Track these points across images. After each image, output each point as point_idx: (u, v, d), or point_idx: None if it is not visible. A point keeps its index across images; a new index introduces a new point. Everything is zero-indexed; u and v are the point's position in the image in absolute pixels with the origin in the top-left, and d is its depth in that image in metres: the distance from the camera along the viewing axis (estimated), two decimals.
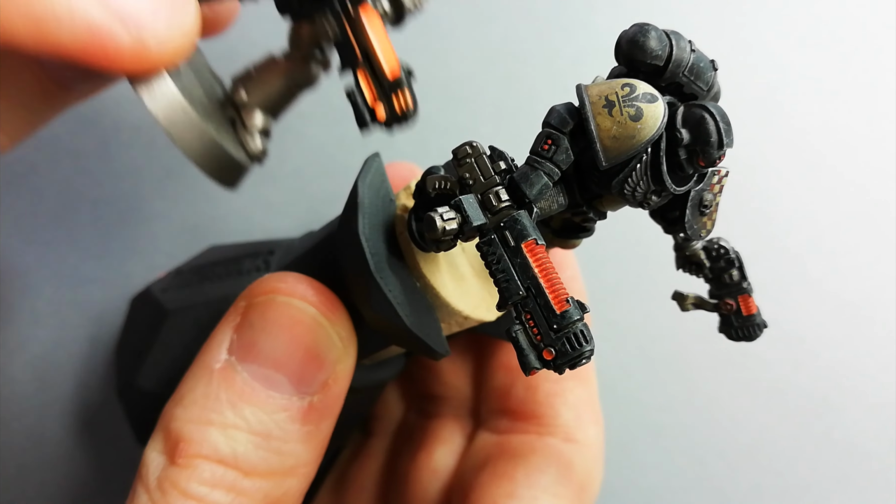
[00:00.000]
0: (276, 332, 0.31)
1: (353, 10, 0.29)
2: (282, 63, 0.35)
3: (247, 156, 0.35)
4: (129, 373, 0.44)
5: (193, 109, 0.31)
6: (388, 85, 0.28)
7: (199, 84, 0.34)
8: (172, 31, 0.27)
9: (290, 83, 0.35)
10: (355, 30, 0.29)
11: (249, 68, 0.36)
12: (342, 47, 0.29)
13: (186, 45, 0.28)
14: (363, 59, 0.28)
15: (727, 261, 0.34)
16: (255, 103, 0.35)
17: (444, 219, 0.25)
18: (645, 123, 0.25)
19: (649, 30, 0.26)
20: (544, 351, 0.24)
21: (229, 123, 0.35)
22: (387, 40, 0.28)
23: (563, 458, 0.38)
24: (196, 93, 0.32)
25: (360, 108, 0.28)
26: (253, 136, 0.35)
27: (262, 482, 0.30)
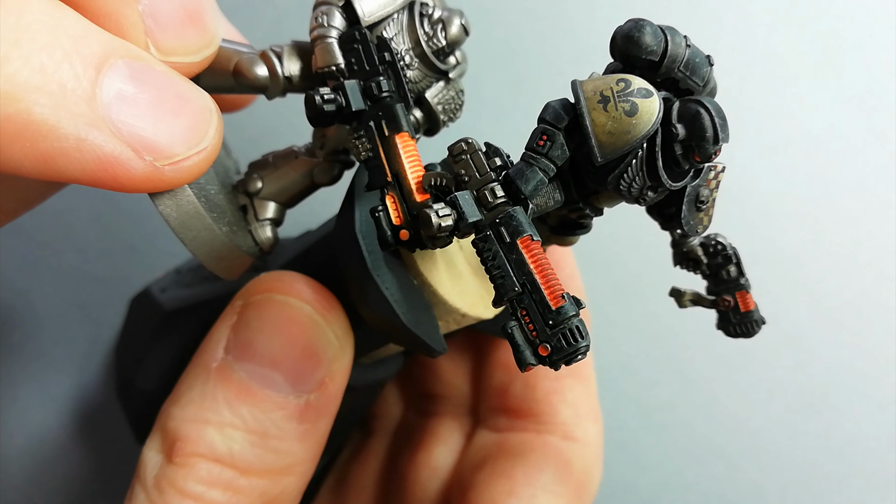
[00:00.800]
0: (273, 330, 0.31)
1: (387, 131, 0.28)
2: (305, 161, 0.34)
3: (255, 245, 0.33)
4: (129, 372, 0.44)
5: (207, 213, 0.29)
6: (413, 209, 0.27)
7: (215, 171, 0.33)
8: (191, 156, 0.26)
9: (309, 180, 0.34)
10: (388, 150, 0.28)
11: (268, 157, 0.34)
12: (373, 167, 0.28)
13: (205, 167, 0.27)
14: (392, 181, 0.28)
15: (724, 257, 0.34)
16: (269, 194, 0.34)
17: (440, 215, 0.25)
18: (640, 119, 0.25)
19: (644, 25, 0.26)
20: (540, 347, 0.24)
21: (240, 210, 0.34)
22: (420, 166, 0.27)
23: (562, 457, 0.38)
24: (211, 185, 0.31)
25: (384, 228, 0.27)
26: (263, 227, 0.34)
27: (259, 481, 0.30)
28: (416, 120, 0.32)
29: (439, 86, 0.32)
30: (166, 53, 0.26)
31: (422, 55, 0.31)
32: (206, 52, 0.27)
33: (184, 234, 0.29)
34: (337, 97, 0.28)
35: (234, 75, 0.30)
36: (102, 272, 0.52)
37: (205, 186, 0.30)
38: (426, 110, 0.32)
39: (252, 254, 0.33)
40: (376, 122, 0.28)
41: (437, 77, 0.32)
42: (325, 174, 0.34)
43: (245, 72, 0.30)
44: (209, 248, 0.30)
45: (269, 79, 0.30)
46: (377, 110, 0.28)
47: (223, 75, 0.31)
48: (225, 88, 0.31)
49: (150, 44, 0.26)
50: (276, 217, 0.34)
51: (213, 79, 0.31)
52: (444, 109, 0.32)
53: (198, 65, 0.27)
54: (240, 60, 0.30)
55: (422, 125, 0.32)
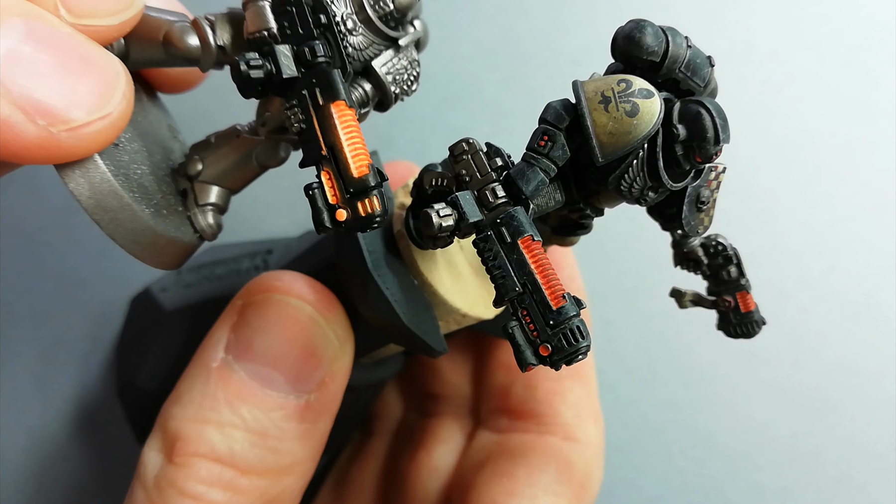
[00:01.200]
0: (273, 330, 0.31)
1: (322, 100, 0.25)
2: (247, 139, 0.31)
3: (194, 232, 0.31)
4: (129, 372, 0.44)
5: (127, 192, 0.27)
6: (353, 186, 0.24)
7: (147, 150, 0.30)
8: (93, 121, 0.24)
9: (253, 160, 0.32)
10: (322, 121, 0.25)
11: (210, 137, 0.32)
12: (305, 139, 0.25)
13: (111, 135, 0.24)
14: (328, 155, 0.25)
15: (725, 257, 0.34)
16: (210, 177, 0.31)
17: (441, 215, 0.25)
18: (641, 119, 0.25)
19: (645, 26, 0.26)
20: (541, 347, 0.24)
21: (179, 195, 0.31)
22: (359, 136, 0.25)
23: (563, 457, 0.38)
24: (137, 164, 0.29)
25: (319, 207, 0.24)
26: (204, 212, 0.31)
27: (259, 480, 0.30)
28: (363, 93, 0.29)
29: (388, 54, 0.30)
30: (77, 15, 0.24)
31: (367, 20, 0.28)
32: (125, 16, 0.26)
33: (99, 216, 0.27)
34: (265, 63, 0.25)
35: (164, 45, 0.28)
36: (102, 272, 0.52)
37: (127, 164, 0.28)
38: (374, 81, 0.29)
39: (190, 242, 0.30)
40: (310, 90, 0.25)
41: (386, 44, 0.29)
42: (269, 154, 0.31)
43: (175, 41, 0.28)
44: (130, 231, 0.28)
45: (201, 49, 0.28)
46: (311, 77, 0.25)
47: (153, 46, 0.29)
48: (156, 61, 0.29)
49: (60, 5, 0.24)
50: (219, 202, 0.32)
51: (143, 50, 0.29)
52: (395, 80, 0.30)
53: (115, 28, 0.25)
54: (170, 29, 0.28)
55: (371, 98, 0.30)
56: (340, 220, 0.24)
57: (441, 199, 0.25)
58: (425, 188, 0.28)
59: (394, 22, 0.29)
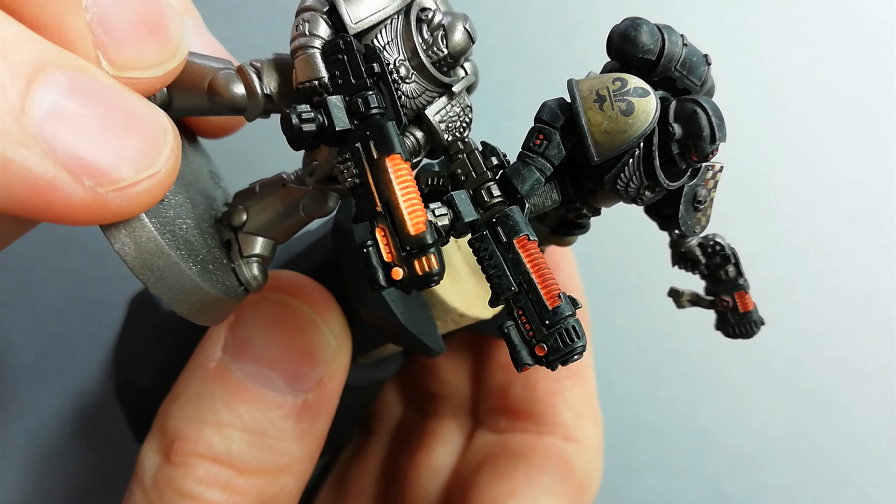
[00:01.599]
0: (271, 330, 0.31)
1: (376, 154, 0.24)
2: (294, 189, 0.30)
3: (239, 285, 0.30)
4: (128, 372, 0.44)
5: (174, 250, 0.26)
6: (410, 244, 0.23)
7: (191, 202, 0.29)
8: (142, 181, 0.22)
9: (300, 211, 0.30)
10: (377, 176, 0.24)
11: (255, 185, 0.31)
12: (359, 194, 0.24)
13: (159, 193, 0.23)
14: (383, 211, 0.23)
15: (723, 257, 0.34)
16: (255, 228, 0.30)
17: (436, 215, 0.25)
18: (636, 118, 0.25)
19: (641, 24, 0.26)
20: (536, 347, 0.24)
21: (223, 247, 0.30)
22: (415, 191, 0.23)
23: (563, 457, 0.38)
24: (182, 219, 0.28)
25: (374, 266, 0.23)
26: (249, 265, 0.30)
27: (257, 480, 0.30)
28: (414, 141, 0.28)
29: (441, 101, 0.28)
30: (120, 68, 0.23)
31: (420, 66, 0.27)
32: (169, 66, 0.24)
33: (145, 276, 0.25)
34: (317, 115, 0.24)
35: (209, 94, 0.27)
36: (102, 272, 0.52)
37: (173, 220, 0.27)
38: (427, 129, 0.28)
39: (235, 296, 0.29)
40: (363, 143, 0.24)
41: (439, 91, 0.28)
42: (316, 204, 0.30)
43: (220, 90, 0.27)
44: (178, 290, 0.26)
45: (248, 97, 0.27)
46: (365, 130, 0.24)
47: (197, 94, 0.27)
48: (200, 109, 0.28)
49: (101, 57, 0.23)
50: (264, 253, 0.30)
51: (187, 99, 0.28)
52: (448, 128, 0.28)
53: (159, 80, 0.24)
54: (214, 77, 0.27)
55: (422, 147, 0.28)
56: (396, 279, 0.23)
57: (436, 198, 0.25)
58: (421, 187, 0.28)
59: (446, 67, 0.28)
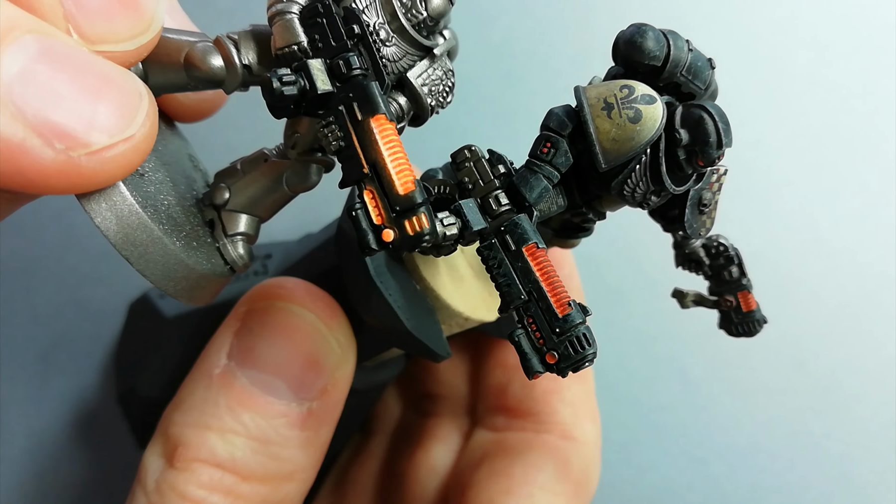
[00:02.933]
0: (276, 337, 0.31)
1: (360, 115, 0.23)
2: (276, 163, 0.29)
3: (224, 264, 0.29)
4: (129, 378, 0.44)
5: (156, 224, 0.25)
6: (400, 204, 0.22)
7: (171, 181, 0.29)
8: (115, 144, 0.22)
9: (283, 185, 0.29)
10: (362, 137, 0.23)
11: (236, 164, 0.30)
12: (345, 157, 0.23)
13: (135, 159, 0.23)
14: (370, 173, 0.23)
15: (726, 258, 0.34)
16: (238, 205, 0.29)
17: (445, 224, 0.24)
18: (644, 125, 0.25)
19: (647, 30, 0.25)
20: (547, 354, 0.24)
21: (206, 226, 0.29)
22: (402, 151, 0.23)
23: (561, 455, 0.38)
24: (164, 195, 0.27)
25: (364, 228, 0.23)
26: (234, 243, 0.29)
27: (261, 487, 0.30)
28: (399, 107, 0.28)
29: (423, 64, 0.28)
30: (91, 41, 0.23)
31: (400, 29, 0.26)
32: (142, 40, 0.24)
33: (128, 251, 0.25)
34: (298, 79, 0.24)
35: (186, 68, 0.26)
36: (102, 272, 0.52)
37: (154, 195, 0.26)
38: (410, 94, 0.28)
39: (221, 274, 0.29)
40: (347, 104, 0.24)
41: (420, 55, 0.27)
42: (300, 178, 0.29)
43: (198, 62, 0.26)
44: (162, 266, 0.26)
45: (226, 69, 0.26)
46: (347, 91, 0.24)
47: (173, 69, 0.27)
48: (178, 85, 0.27)
49: (72, 30, 0.22)
50: (249, 231, 0.30)
51: (163, 74, 0.27)
52: (431, 92, 0.28)
53: (132, 54, 0.24)
54: (191, 50, 0.26)
55: (406, 112, 0.28)
56: (388, 240, 0.23)
57: (444, 206, 0.25)
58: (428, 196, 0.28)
59: (426, 31, 0.27)
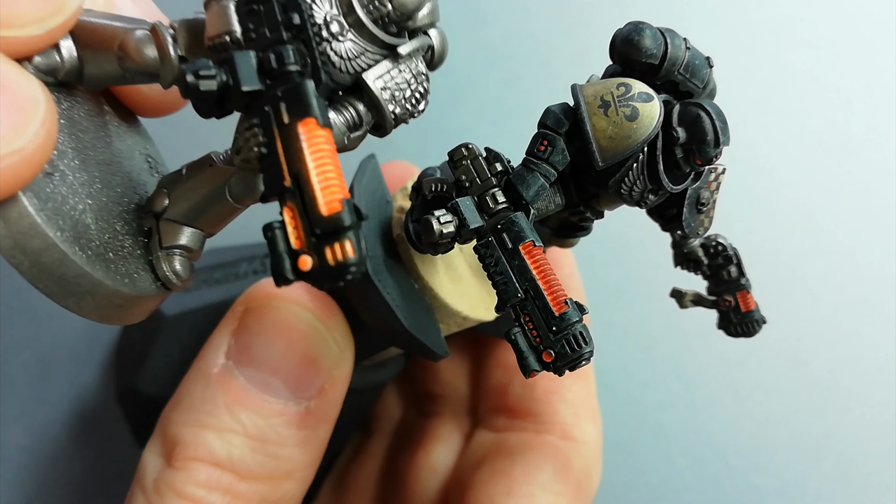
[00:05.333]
0: (273, 337, 0.31)
1: (287, 118, 0.20)
2: (220, 169, 0.26)
3: (154, 281, 0.26)
4: (129, 377, 0.44)
5: (54, 230, 0.22)
6: (321, 226, 0.19)
7: (101, 182, 0.26)
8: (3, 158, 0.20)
9: (226, 196, 0.26)
10: (287, 144, 0.20)
11: (182, 168, 0.27)
12: (267, 167, 0.20)
13: (25, 173, 0.21)
14: (292, 187, 0.20)
15: (725, 257, 0.34)
16: (178, 214, 0.26)
17: (442, 222, 0.25)
18: (641, 123, 0.25)
19: (644, 28, 0.26)
20: (544, 353, 0.24)
21: (141, 237, 0.26)
22: (332, 163, 0.20)
23: (561, 456, 0.38)
24: (77, 198, 0.24)
25: (280, 253, 0.19)
26: (169, 257, 0.26)
27: (259, 486, 0.30)
28: (354, 113, 0.24)
29: (384, 65, 0.24)
30: None
31: (357, 23, 0.23)
32: (51, 23, 0.22)
33: (17, 259, 0.22)
34: (220, 73, 0.21)
35: (119, 58, 0.24)
36: None
37: (63, 198, 0.23)
38: (367, 99, 0.24)
39: (146, 292, 0.26)
40: (274, 105, 0.20)
41: (383, 53, 0.24)
42: (244, 187, 0.25)
43: (131, 52, 0.23)
44: (58, 279, 0.23)
45: (160, 60, 0.23)
46: (276, 90, 0.21)
47: (108, 59, 0.24)
48: (114, 77, 0.25)
49: None
50: (190, 245, 0.27)
51: (98, 64, 0.24)
52: (395, 98, 0.24)
53: (42, 39, 0.22)
54: (124, 39, 0.23)
55: (364, 121, 0.24)
56: (304, 269, 0.19)
57: (441, 205, 0.25)
58: (424, 194, 0.28)
59: (395, 27, 0.24)
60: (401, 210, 0.32)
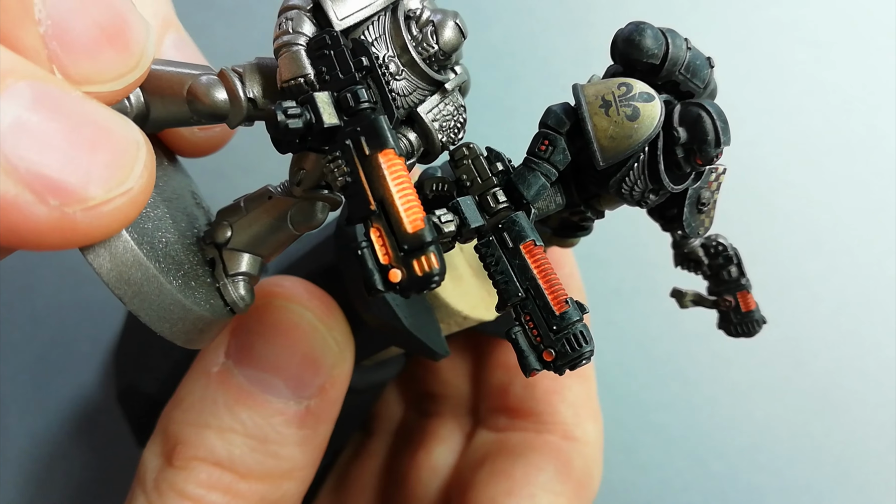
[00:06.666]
0: (273, 336, 0.31)
1: (368, 150, 0.22)
2: (280, 201, 0.28)
3: (224, 306, 0.28)
4: (130, 376, 0.44)
5: (152, 262, 0.25)
6: (408, 243, 0.21)
7: (171, 218, 0.28)
8: (112, 199, 0.21)
9: (287, 223, 0.28)
10: (369, 173, 0.22)
11: (240, 201, 0.29)
12: (352, 194, 0.22)
13: (132, 212, 0.22)
14: (377, 210, 0.22)
15: (725, 258, 0.34)
16: (240, 244, 0.29)
17: (442, 221, 0.25)
18: (642, 123, 0.25)
19: (645, 28, 0.26)
20: (544, 352, 0.24)
21: (207, 266, 0.29)
22: (411, 189, 0.22)
23: (562, 456, 0.38)
24: (162, 232, 0.26)
25: (370, 268, 0.22)
26: (234, 283, 0.28)
27: (259, 485, 0.30)
28: (408, 143, 0.27)
29: (434, 99, 0.27)
30: (77, 82, 0.22)
31: (410, 63, 0.26)
32: (130, 79, 0.23)
33: (122, 290, 0.24)
34: (304, 112, 0.23)
35: (189, 101, 0.26)
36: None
37: (152, 232, 0.26)
38: (420, 129, 0.27)
39: (220, 316, 0.28)
40: (354, 139, 0.23)
41: (431, 90, 0.27)
42: (305, 216, 0.28)
43: (201, 96, 0.26)
44: (157, 307, 0.25)
45: (230, 102, 0.26)
46: (355, 125, 0.23)
47: (176, 103, 0.26)
48: (181, 119, 0.27)
49: (57, 71, 0.21)
50: (251, 271, 0.29)
51: (165, 108, 0.26)
52: (442, 128, 0.27)
53: (119, 93, 0.23)
54: (194, 83, 0.26)
55: (416, 149, 0.27)
56: (395, 280, 0.21)
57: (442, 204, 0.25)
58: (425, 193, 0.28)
59: (437, 65, 0.27)
60: None
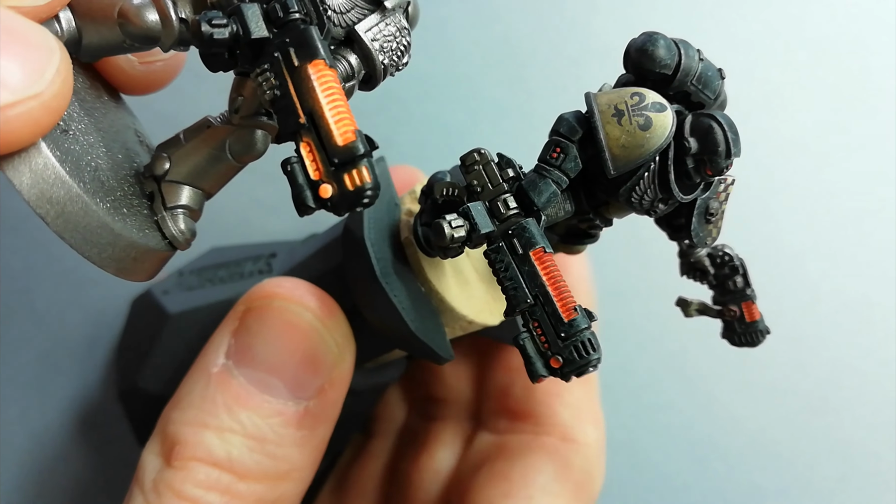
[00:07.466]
0: (273, 336, 0.31)
1: (297, 61, 0.22)
2: (218, 129, 0.28)
3: (162, 239, 0.28)
4: (131, 375, 0.44)
5: (77, 181, 0.24)
6: (338, 156, 0.21)
7: (105, 146, 0.27)
8: (21, 101, 0.20)
9: (227, 153, 0.28)
10: (298, 85, 0.22)
11: (180, 134, 0.28)
12: (281, 108, 0.22)
13: (44, 118, 0.21)
14: (307, 123, 0.21)
15: (731, 268, 0.34)
16: (180, 175, 0.28)
17: (453, 226, 0.25)
18: (653, 133, 0.25)
19: (658, 39, 0.26)
20: (552, 359, 0.24)
21: (146, 199, 0.28)
22: (342, 100, 0.22)
23: (560, 457, 0.38)
24: (92, 156, 0.26)
25: (300, 184, 0.21)
26: (174, 217, 0.28)
27: (257, 486, 0.30)
28: (348, 65, 0.26)
29: (373, 18, 0.26)
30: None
31: None
32: None
33: (43, 208, 0.23)
34: (231, 24, 0.22)
35: (120, 24, 0.24)
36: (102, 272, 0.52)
37: (79, 154, 0.25)
38: (360, 50, 0.26)
39: (157, 248, 0.27)
40: (283, 50, 0.22)
41: (370, 8, 0.26)
42: (244, 145, 0.27)
43: (132, 17, 0.24)
44: (83, 228, 0.24)
45: (161, 23, 0.24)
46: (284, 36, 0.22)
47: (107, 26, 0.25)
48: (114, 45, 0.25)
49: None
50: (191, 205, 0.28)
51: (97, 32, 0.25)
52: (383, 48, 0.26)
53: (42, 10, 0.22)
54: (124, 4, 0.24)
55: (357, 72, 0.26)
56: (325, 196, 0.21)
57: (451, 209, 0.25)
58: (435, 198, 0.28)
59: None
60: (409, 213, 0.32)
